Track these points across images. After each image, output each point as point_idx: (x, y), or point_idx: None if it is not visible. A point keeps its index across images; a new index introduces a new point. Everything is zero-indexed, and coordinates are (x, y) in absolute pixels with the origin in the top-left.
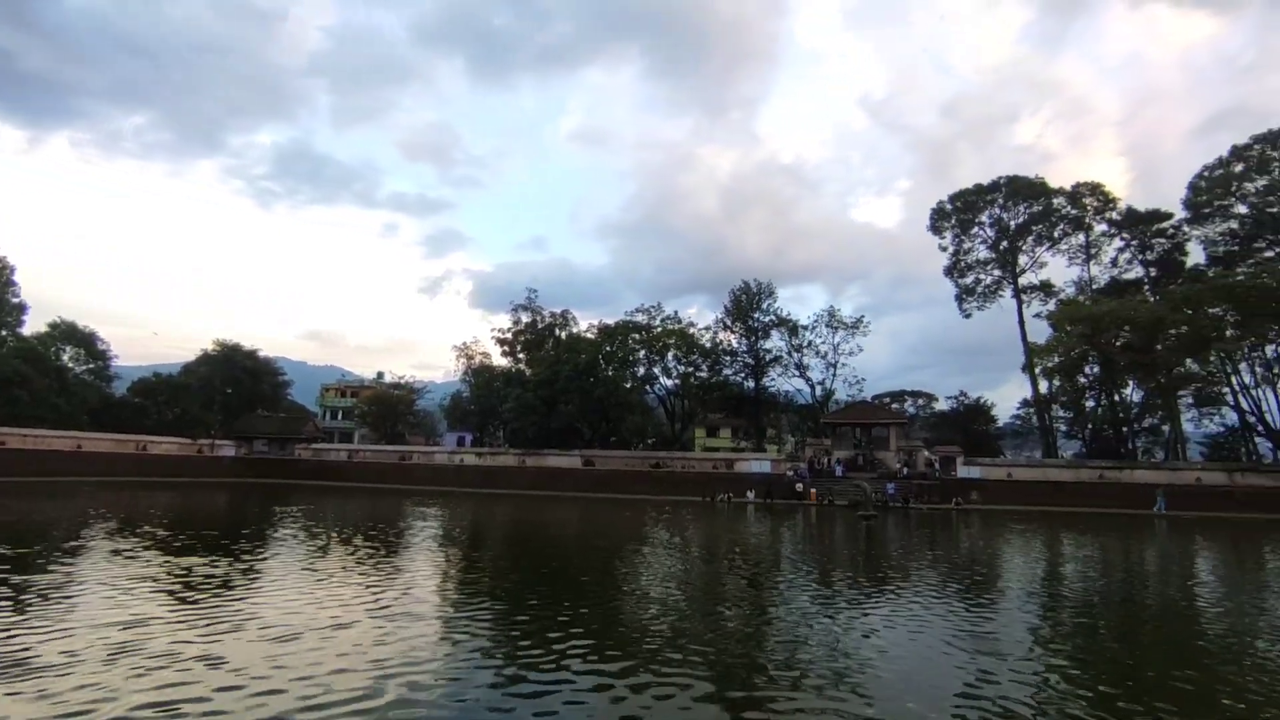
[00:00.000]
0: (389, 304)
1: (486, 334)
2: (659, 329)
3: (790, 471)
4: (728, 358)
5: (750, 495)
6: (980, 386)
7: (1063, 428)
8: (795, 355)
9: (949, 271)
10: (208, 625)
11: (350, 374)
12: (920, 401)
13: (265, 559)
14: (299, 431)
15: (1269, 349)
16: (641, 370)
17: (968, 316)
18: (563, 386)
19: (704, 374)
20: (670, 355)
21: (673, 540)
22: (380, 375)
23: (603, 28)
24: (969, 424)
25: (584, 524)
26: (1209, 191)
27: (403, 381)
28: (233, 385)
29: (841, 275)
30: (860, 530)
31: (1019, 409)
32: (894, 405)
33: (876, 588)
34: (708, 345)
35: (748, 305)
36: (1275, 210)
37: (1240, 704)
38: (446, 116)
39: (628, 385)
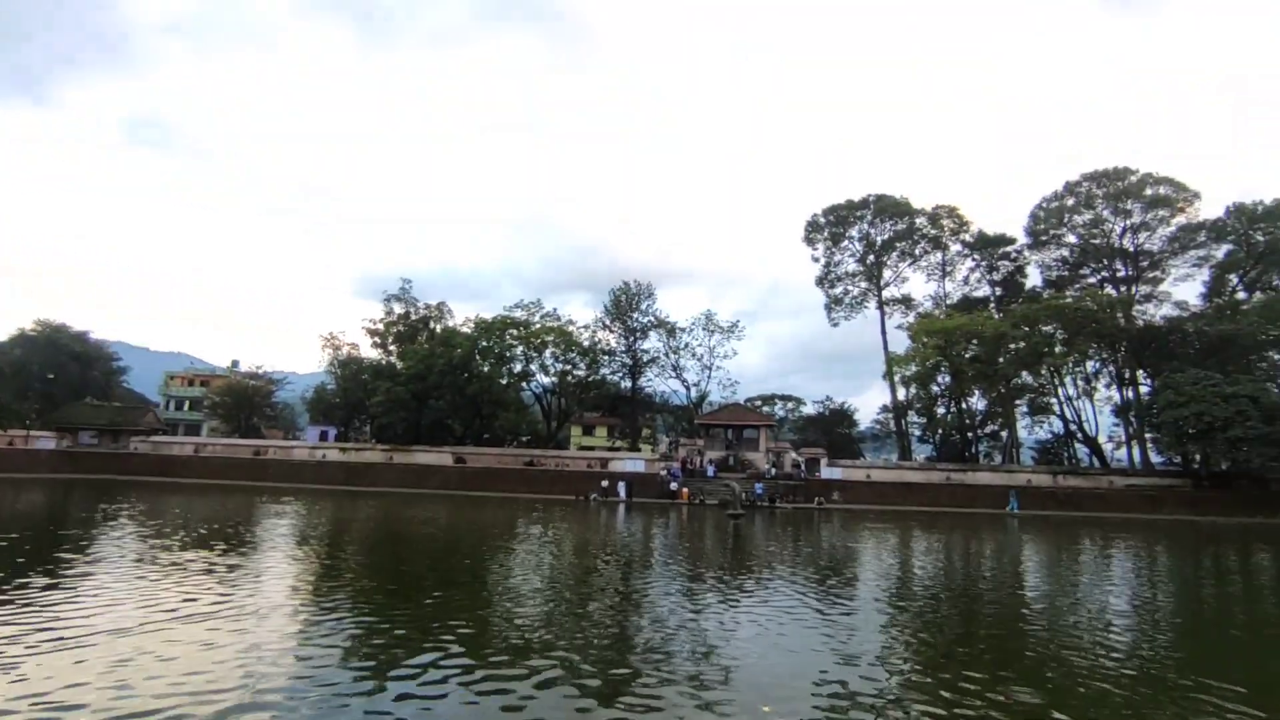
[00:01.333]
0: (252, 288)
1: (356, 324)
2: (538, 325)
3: (664, 471)
4: (606, 357)
5: (621, 493)
6: (845, 392)
7: (917, 432)
8: (672, 356)
9: (820, 282)
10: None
11: (200, 362)
12: (790, 405)
13: (78, 564)
14: (136, 422)
15: (1089, 365)
16: (518, 367)
17: (835, 325)
18: (436, 381)
19: (582, 372)
20: (548, 353)
21: (544, 538)
22: (235, 364)
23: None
24: (833, 427)
25: (453, 522)
26: (1045, 221)
27: (260, 371)
28: (56, 371)
29: (721, 280)
30: (728, 529)
31: (879, 414)
32: (765, 408)
33: (741, 583)
34: (586, 344)
35: (627, 305)
36: (1098, 241)
37: (1064, 678)
38: (326, 89)
39: (504, 382)
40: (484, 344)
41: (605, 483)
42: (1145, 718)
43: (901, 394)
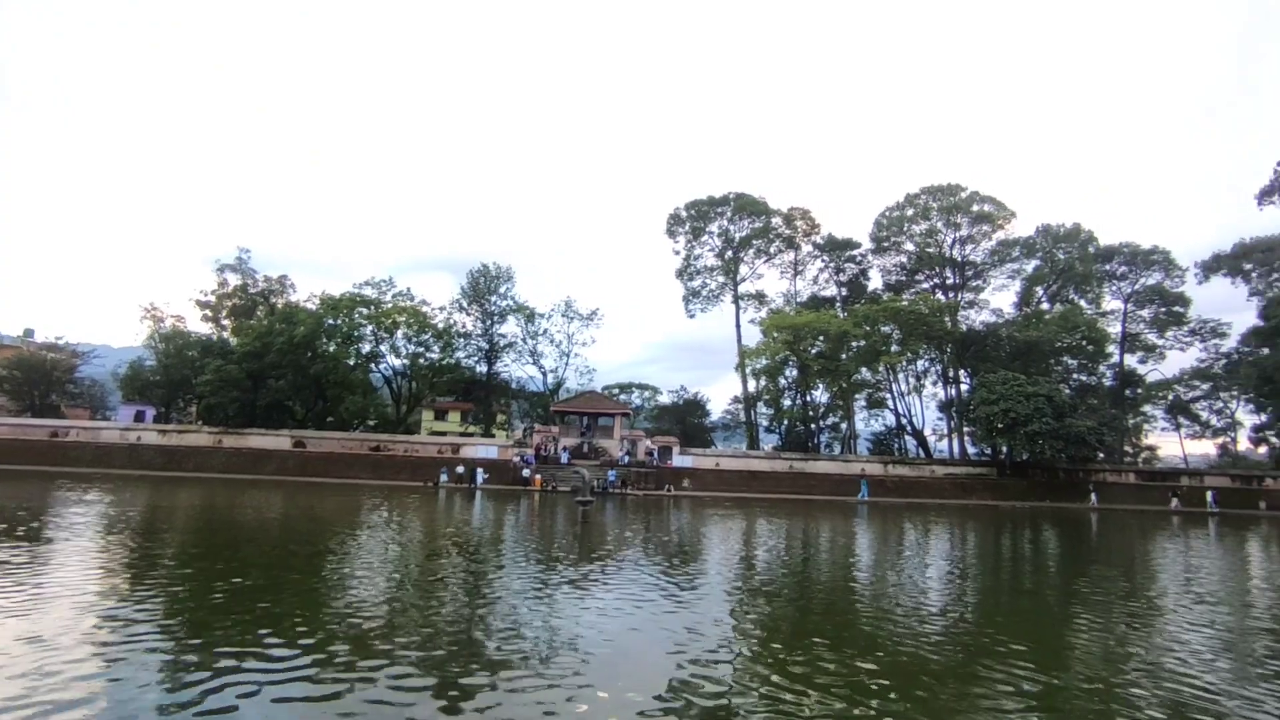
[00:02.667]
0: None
1: (185, 296)
2: (390, 305)
3: (517, 457)
4: (461, 340)
5: (479, 480)
6: (700, 382)
7: (765, 422)
8: (530, 342)
9: (680, 274)
10: None
11: None
12: (646, 394)
13: None
14: None
15: (920, 363)
16: (367, 347)
17: (693, 317)
18: (275, 360)
19: (435, 355)
20: (400, 334)
21: (388, 526)
22: (28, 333)
23: None
24: (686, 416)
25: (289, 510)
26: (887, 229)
27: (60, 342)
28: None
29: (583, 267)
30: (577, 516)
31: (730, 404)
32: (621, 396)
33: (589, 569)
34: (441, 326)
35: (486, 288)
36: (932, 250)
37: (888, 644)
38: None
39: (351, 363)
40: (331, 322)
41: (460, 469)
42: (951, 675)
43: (752, 385)
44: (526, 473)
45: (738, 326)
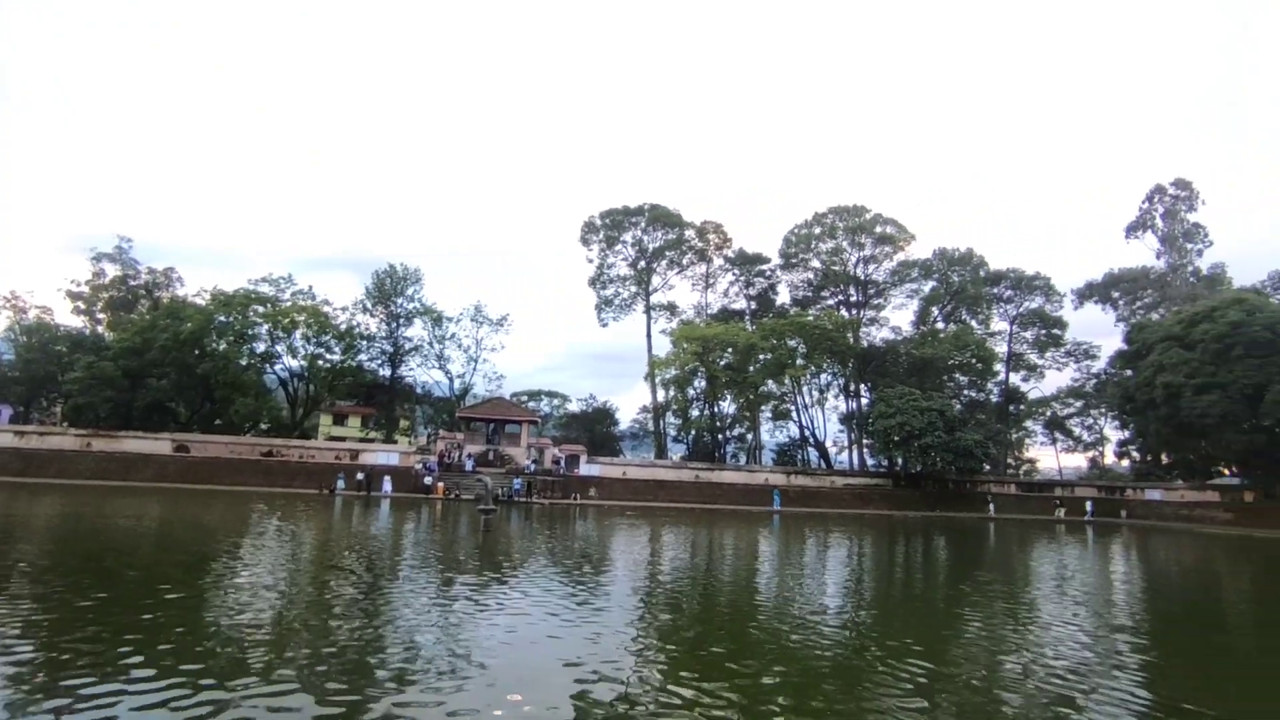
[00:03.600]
0: None
1: (54, 286)
2: (289, 303)
3: (420, 464)
4: (364, 342)
5: (387, 487)
6: (610, 391)
7: (672, 432)
8: (437, 346)
9: (593, 282)
10: None
11: None
12: (555, 401)
13: None
14: None
15: (823, 377)
16: (262, 347)
17: (605, 326)
18: (157, 358)
19: (336, 357)
20: (299, 334)
21: (279, 535)
22: None
23: None
24: (595, 425)
25: (168, 519)
26: (796, 245)
27: None
28: None
29: (494, 273)
30: (479, 525)
31: (639, 413)
32: (530, 403)
33: (490, 579)
34: (344, 327)
35: (392, 289)
36: (837, 268)
37: (785, 649)
38: None
39: (243, 363)
40: (222, 319)
41: (360, 475)
42: (848, 676)
43: (661, 395)
44: (429, 480)
45: (648, 336)
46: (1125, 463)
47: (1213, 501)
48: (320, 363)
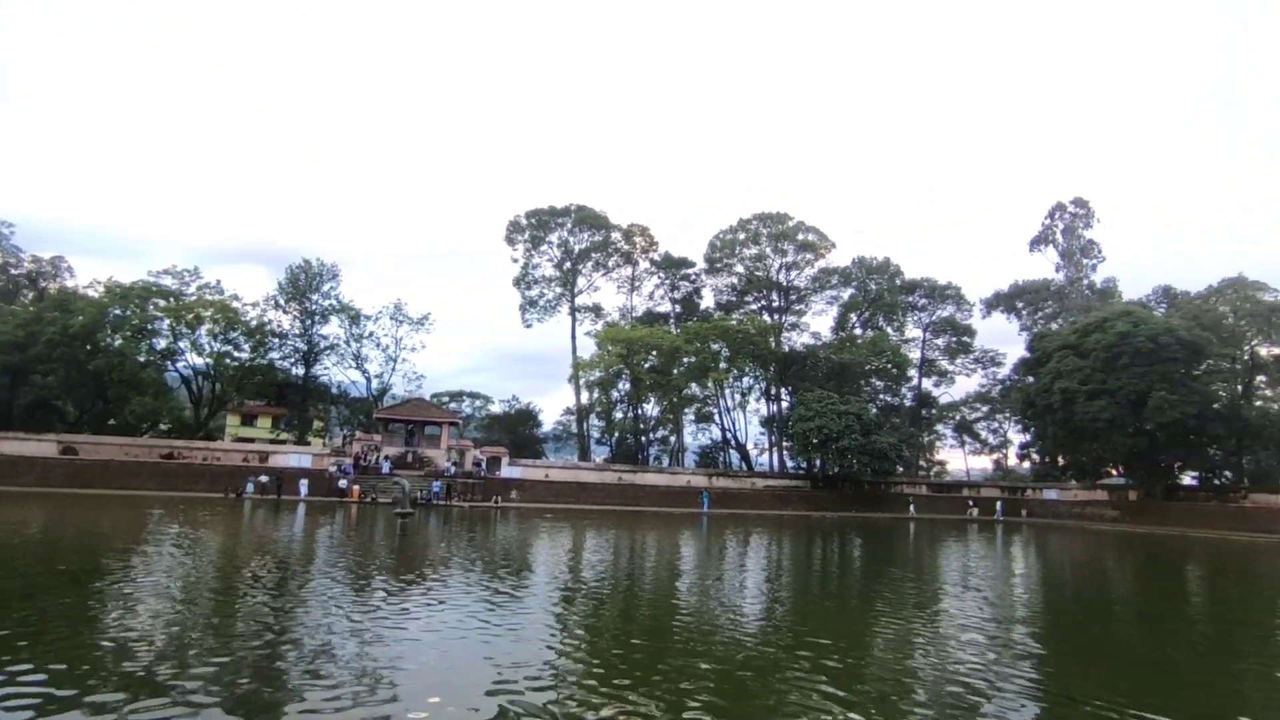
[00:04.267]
0: None
1: None
2: (194, 297)
3: (334, 467)
4: (276, 340)
5: (304, 491)
6: (533, 392)
7: (596, 434)
8: (354, 345)
9: (518, 282)
10: None
11: None
12: (477, 403)
13: None
14: None
15: (745, 380)
16: (163, 343)
17: (529, 327)
18: (42, 353)
19: (245, 355)
20: (204, 330)
21: (181, 542)
22: None
23: None
24: (518, 426)
25: (53, 525)
26: (721, 250)
27: None
28: None
29: (415, 270)
30: (396, 528)
31: (563, 416)
32: (451, 404)
33: (407, 583)
34: (254, 324)
35: (307, 285)
36: (761, 274)
37: (707, 649)
38: None
39: (141, 359)
40: (118, 312)
41: (264, 478)
42: (768, 671)
43: (585, 397)
44: (344, 483)
45: (573, 338)
46: (1026, 464)
47: (1101, 500)
48: (228, 360)
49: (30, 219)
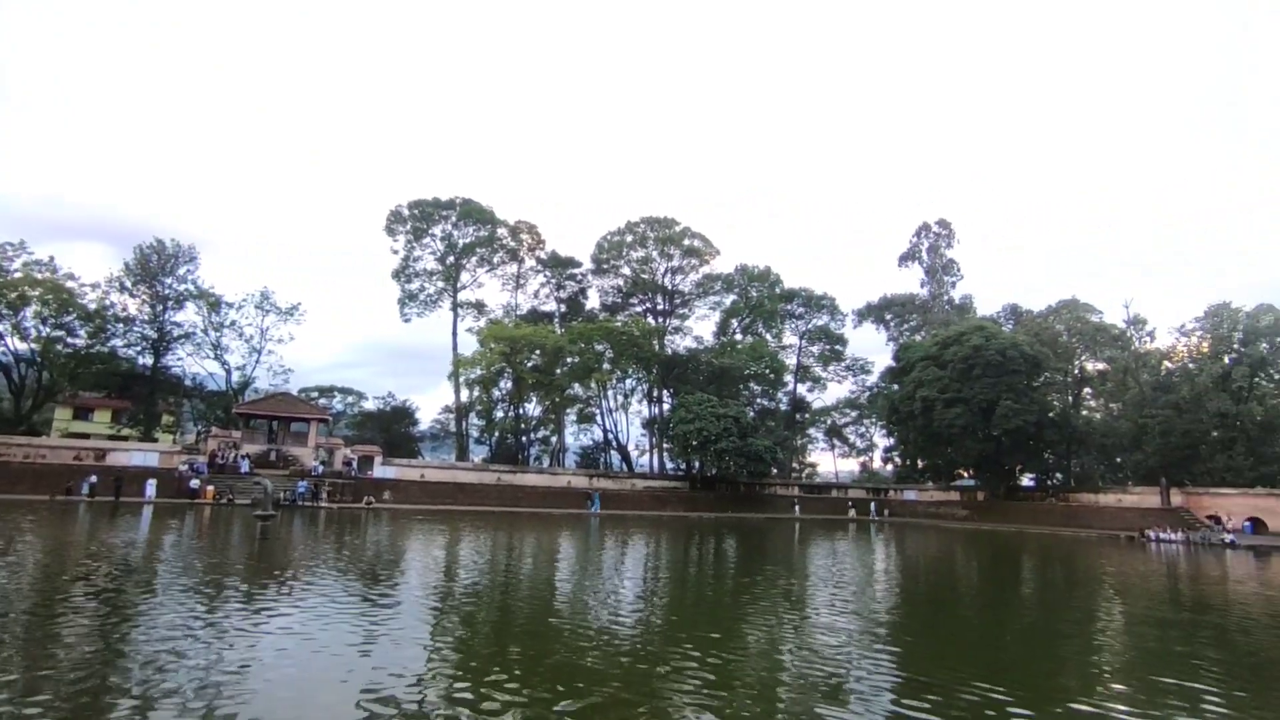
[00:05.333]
0: None
1: None
2: (19, 274)
3: (185, 466)
4: (120, 325)
5: (149, 492)
6: (411, 389)
7: (475, 434)
8: (213, 334)
9: (397, 275)
10: None
11: None
12: (350, 399)
13: None
14: None
15: (628, 382)
16: None
17: (408, 321)
18: None
19: (81, 341)
20: (31, 311)
21: None
22: None
23: None
24: (393, 425)
25: None
26: (608, 252)
27: None
28: None
29: (286, 259)
30: (255, 532)
31: (441, 414)
32: (321, 400)
33: (262, 592)
34: (93, 307)
35: (159, 268)
36: (647, 276)
37: (581, 650)
38: None
39: None
40: None
41: (93, 478)
42: (646, 667)
43: (465, 395)
44: (195, 483)
45: (454, 334)
46: (889, 467)
47: (954, 500)
48: (59, 347)
49: None
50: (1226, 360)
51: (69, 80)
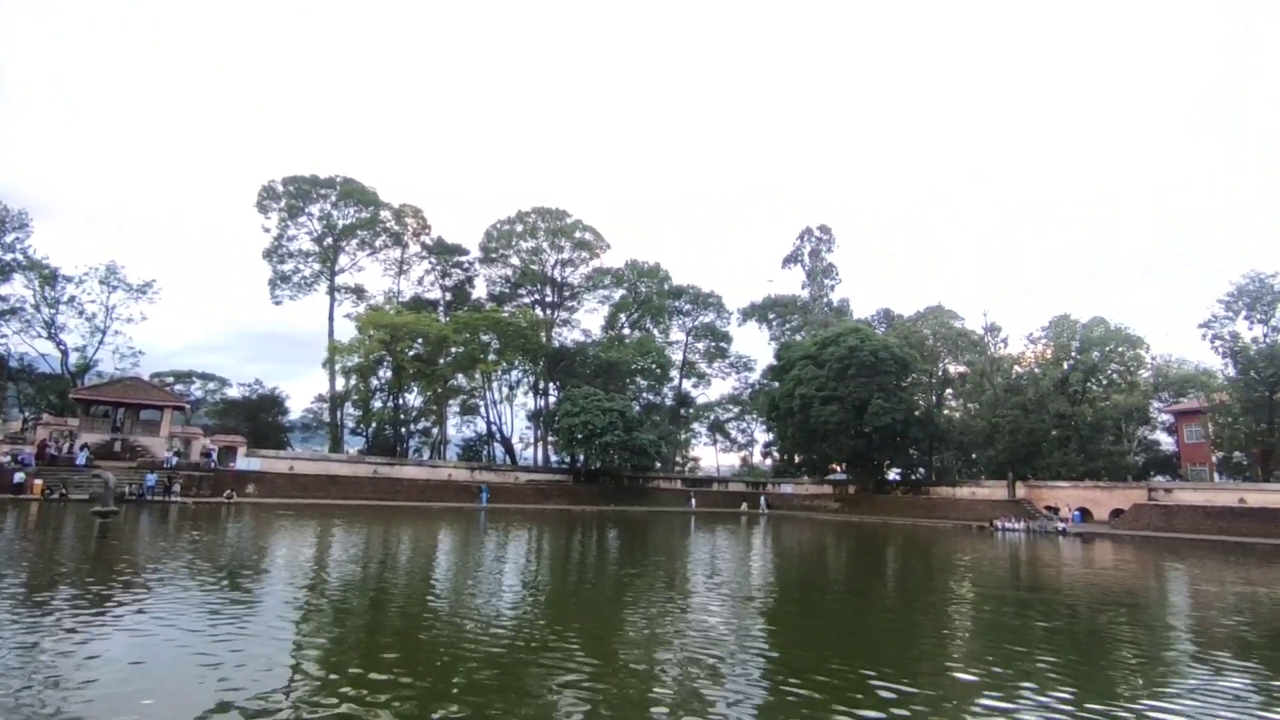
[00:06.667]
0: None
1: None
2: None
3: (7, 457)
4: None
5: None
6: (281, 376)
7: (351, 424)
8: (47, 310)
9: (269, 254)
10: None
11: None
12: (211, 385)
13: None
14: None
15: (514, 374)
16: None
17: (279, 304)
18: None
19: None
20: None
21: None
22: None
23: None
24: (260, 413)
25: None
26: (497, 240)
27: None
28: None
29: (141, 232)
30: (93, 530)
31: (314, 403)
32: (178, 386)
33: (100, 597)
34: None
35: None
36: (536, 267)
37: (459, 649)
38: None
39: None
40: None
41: None
42: (521, 666)
43: (341, 384)
44: (20, 477)
45: (331, 320)
46: (768, 461)
47: (827, 494)
48: None
49: None
50: (1065, 366)
51: None
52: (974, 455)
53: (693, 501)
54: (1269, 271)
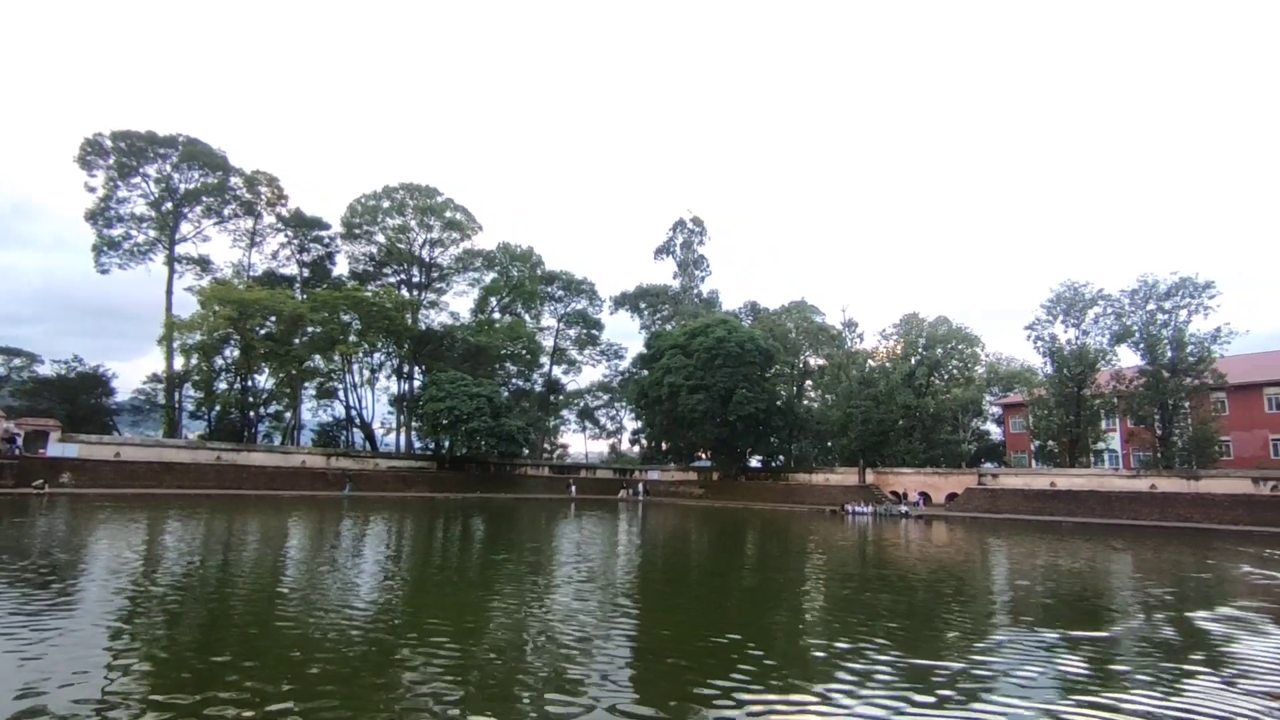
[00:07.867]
0: None
1: None
2: None
3: None
4: None
5: None
6: (107, 353)
7: (191, 407)
8: None
9: (93, 217)
10: None
11: None
12: (18, 361)
13: None
14: None
15: (376, 356)
16: None
17: (106, 272)
18: None
19: None
20: None
21: None
22: None
23: None
24: (80, 394)
25: None
26: (361, 216)
27: None
28: None
29: None
30: None
31: (148, 384)
32: None
33: None
34: None
35: None
36: (403, 246)
37: (311, 644)
38: None
39: None
40: None
41: None
42: (383, 657)
43: (180, 363)
44: None
45: (169, 293)
46: (637, 448)
47: (692, 480)
48: None
49: None
50: (913, 361)
51: None
52: (829, 443)
53: (573, 489)
54: (1082, 280)
